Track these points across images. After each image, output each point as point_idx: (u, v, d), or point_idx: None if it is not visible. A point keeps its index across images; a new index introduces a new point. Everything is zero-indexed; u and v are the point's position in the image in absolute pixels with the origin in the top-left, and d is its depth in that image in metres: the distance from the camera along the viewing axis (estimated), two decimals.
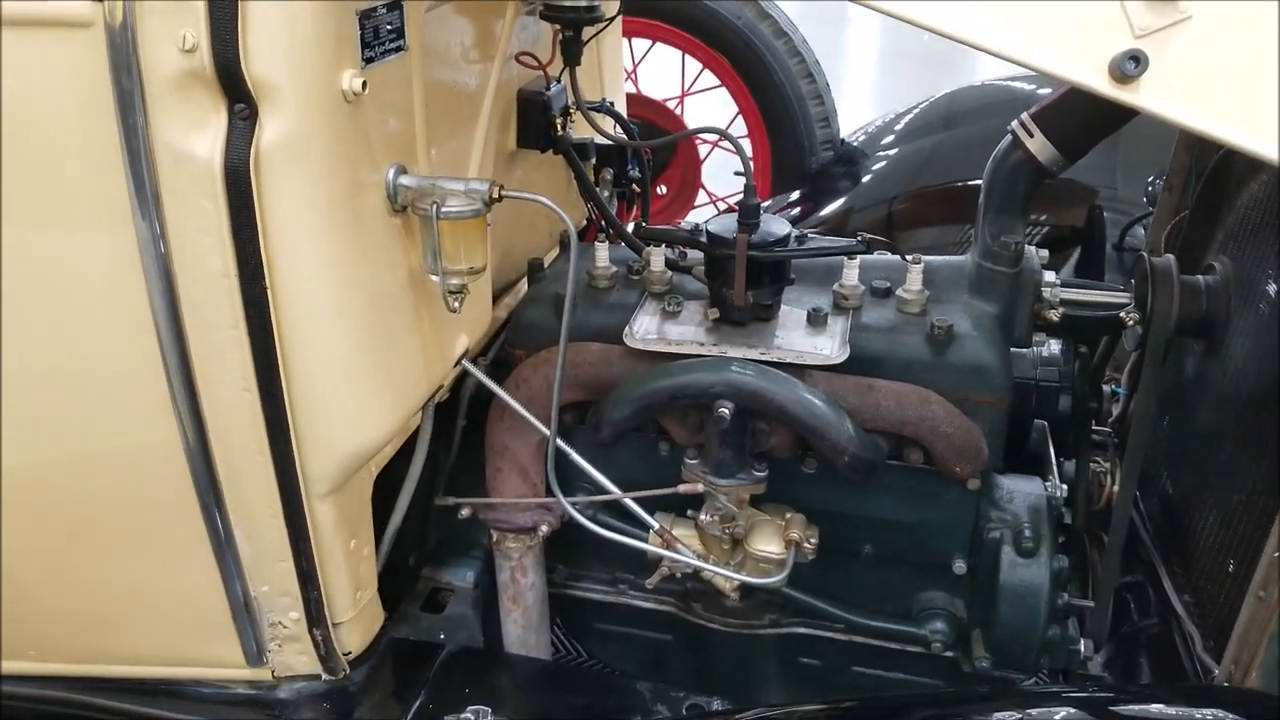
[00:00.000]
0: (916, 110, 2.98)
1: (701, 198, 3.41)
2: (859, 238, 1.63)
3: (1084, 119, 1.56)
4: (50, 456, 1.39)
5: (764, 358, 1.54)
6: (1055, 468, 1.84)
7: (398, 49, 1.31)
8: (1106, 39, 1.00)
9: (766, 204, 3.02)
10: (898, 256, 1.76)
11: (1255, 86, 0.99)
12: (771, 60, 3.03)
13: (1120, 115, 1.57)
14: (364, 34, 1.23)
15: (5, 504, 1.42)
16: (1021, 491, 1.71)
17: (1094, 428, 2.00)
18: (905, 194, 2.64)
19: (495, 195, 1.33)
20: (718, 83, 3.22)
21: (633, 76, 3.34)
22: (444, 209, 1.31)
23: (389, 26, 1.28)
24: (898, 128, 2.95)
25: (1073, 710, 1.23)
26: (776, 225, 1.60)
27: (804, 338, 1.59)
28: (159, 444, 1.33)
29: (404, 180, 1.33)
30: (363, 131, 1.26)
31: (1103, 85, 1.00)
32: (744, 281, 1.55)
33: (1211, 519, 1.72)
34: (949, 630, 1.70)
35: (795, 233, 1.60)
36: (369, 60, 1.25)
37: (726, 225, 1.59)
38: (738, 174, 3.42)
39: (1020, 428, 1.89)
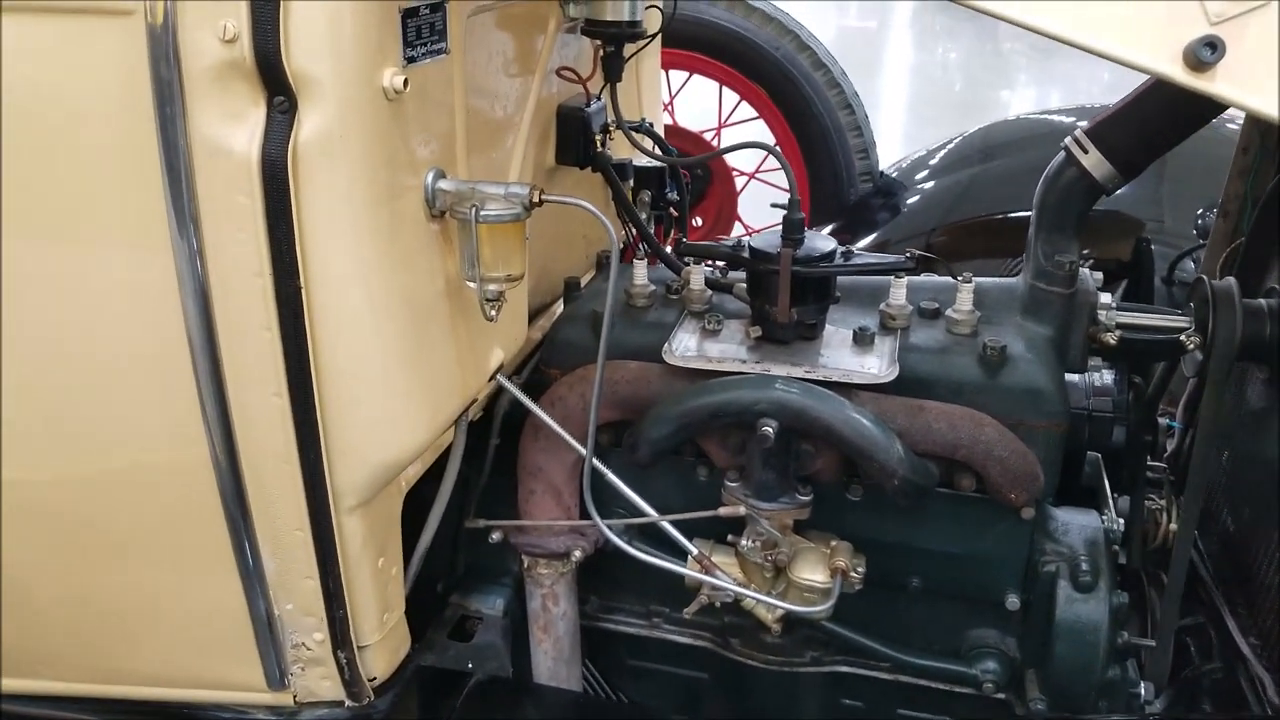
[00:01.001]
0: (954, 143, 2.95)
1: (737, 230, 3.39)
2: (907, 254, 1.58)
3: (1140, 134, 1.51)
4: (68, 466, 1.35)
5: (809, 376, 1.49)
6: (1111, 501, 1.77)
7: (440, 51, 1.28)
8: (1181, 26, 0.96)
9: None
10: (947, 277, 1.71)
11: None
12: (810, 91, 3.01)
13: (1177, 131, 1.53)
14: (406, 33, 1.20)
15: (18, 512, 1.38)
16: (1077, 524, 1.64)
17: (1149, 463, 1.93)
18: (943, 226, 2.60)
19: (536, 199, 1.29)
20: (755, 114, 3.20)
21: (669, 108, 3.33)
22: (483, 213, 1.28)
23: (432, 28, 1.26)
24: (933, 161, 2.92)
25: None
26: (821, 241, 1.56)
27: (850, 357, 1.54)
28: (184, 450, 1.28)
29: (443, 184, 1.30)
30: (402, 131, 1.23)
31: (1178, 73, 0.96)
32: (788, 297, 1.50)
33: (1277, 556, 1.64)
34: (1001, 670, 1.62)
35: (841, 249, 1.56)
36: (410, 60, 1.22)
37: (770, 240, 1.55)
38: (775, 206, 3.40)
39: (1074, 460, 1.82)
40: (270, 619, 1.40)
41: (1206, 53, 0.95)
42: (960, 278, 1.59)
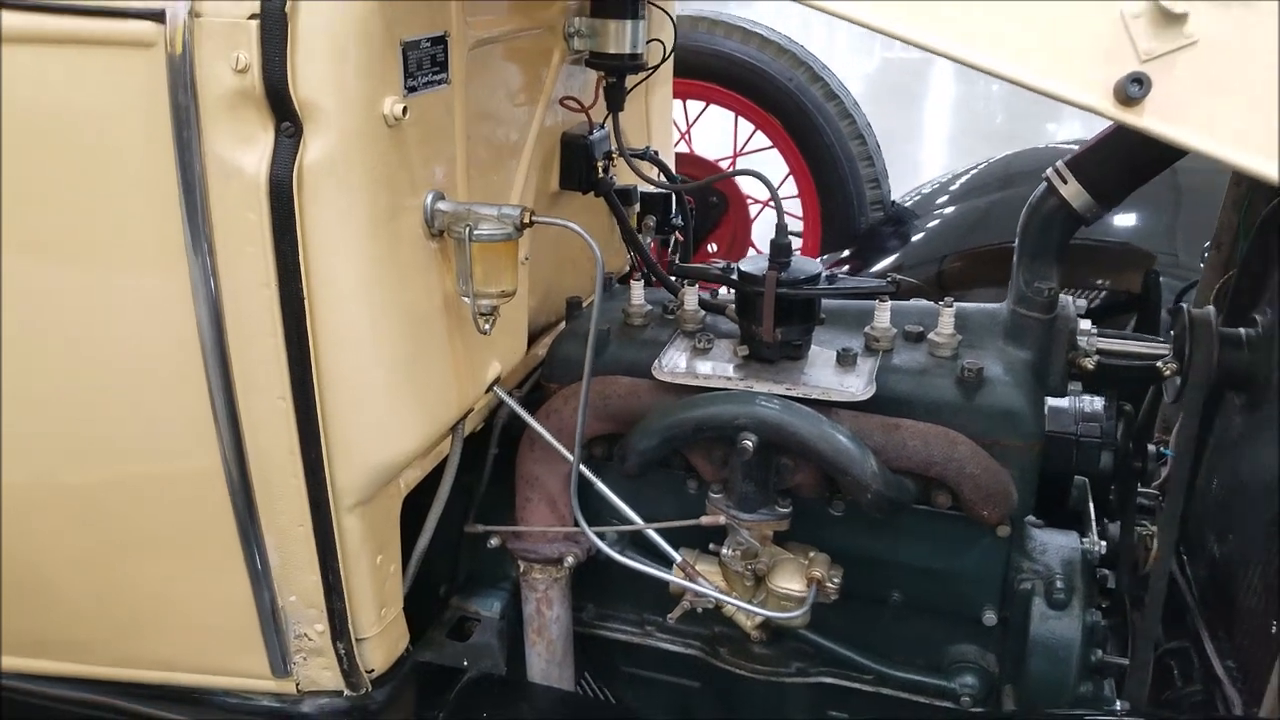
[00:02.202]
0: (975, 170, 3.00)
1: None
2: (889, 279, 1.64)
3: (1118, 166, 1.57)
4: (91, 466, 1.46)
5: (790, 393, 1.56)
6: (1094, 524, 1.81)
7: (441, 81, 1.38)
8: (1112, 63, 1.02)
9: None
10: (931, 302, 1.77)
11: (1258, 108, 1.01)
12: (822, 122, 3.09)
13: (1154, 163, 1.58)
14: (407, 64, 1.30)
15: (44, 509, 1.49)
16: (1056, 544, 1.69)
17: (1140, 489, 1.96)
18: (957, 253, 2.65)
19: (526, 220, 1.38)
20: (770, 144, 3.28)
21: (687, 137, 3.43)
22: (477, 232, 1.37)
23: (433, 59, 1.35)
24: (953, 187, 2.96)
25: None
26: (807, 265, 1.63)
27: (832, 376, 1.60)
28: (196, 450, 1.38)
29: (441, 205, 1.39)
30: (403, 155, 1.32)
31: (1108, 107, 1.02)
32: (772, 318, 1.57)
33: (1255, 581, 1.67)
34: (979, 685, 1.67)
35: (826, 272, 1.63)
36: (411, 89, 1.32)
37: (758, 263, 1.63)
38: (790, 234, 3.48)
39: (1061, 483, 1.86)
40: (274, 610, 1.49)
41: (1135, 89, 1.01)
42: (942, 302, 1.65)
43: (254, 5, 1.17)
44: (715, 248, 3.23)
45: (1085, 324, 1.67)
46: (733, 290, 1.67)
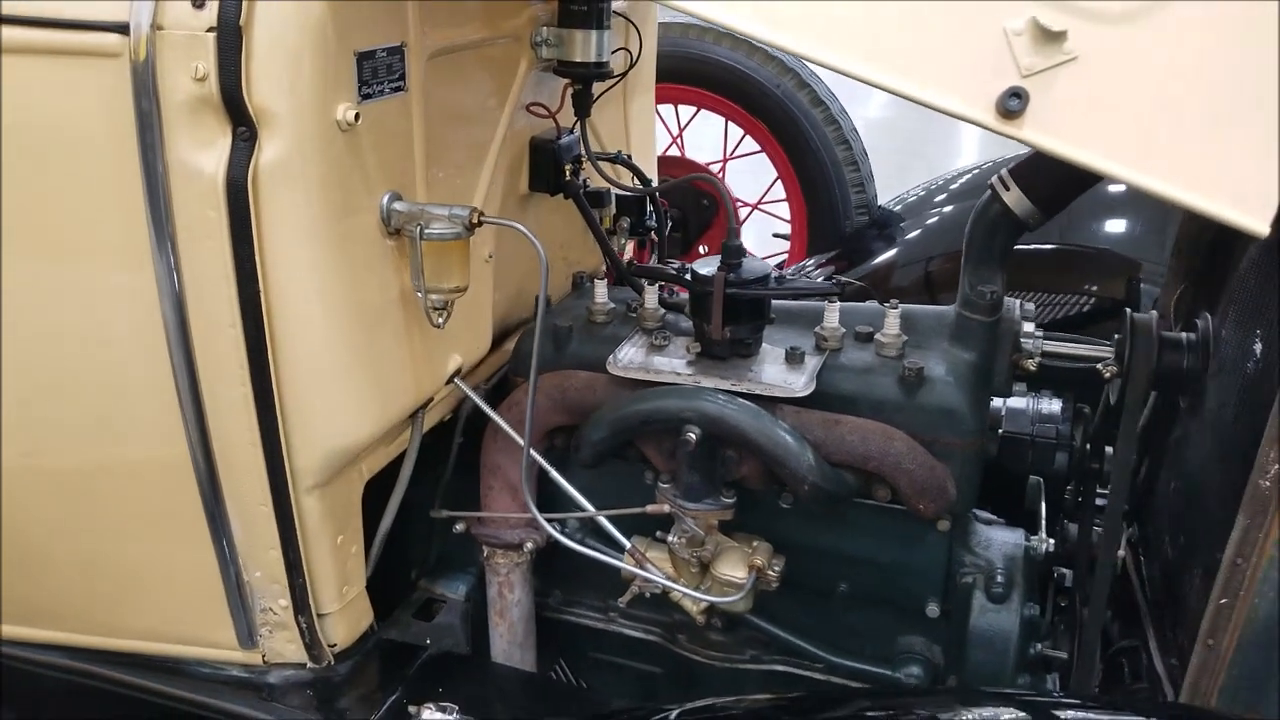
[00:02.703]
0: (966, 175, 3.02)
1: None
2: (834, 280, 1.70)
3: (1057, 175, 1.61)
4: (71, 449, 1.56)
5: (734, 388, 1.62)
6: (1045, 523, 1.85)
7: (398, 88, 1.47)
8: (995, 77, 1.07)
9: (800, 264, 3.10)
10: (879, 304, 1.82)
11: (1135, 122, 1.06)
12: (808, 127, 3.14)
13: (1093, 174, 1.62)
14: (362, 72, 1.39)
15: (33, 490, 1.59)
16: (999, 540, 1.74)
17: (1099, 491, 2.00)
18: (944, 254, 2.67)
19: (475, 220, 1.46)
20: (758, 148, 3.35)
21: (679, 141, 3.50)
22: (427, 231, 1.45)
23: (389, 68, 1.44)
24: (953, 187, 2.98)
25: (1018, 712, 1.23)
26: (757, 266, 1.69)
27: (778, 373, 1.66)
28: (166, 433, 1.48)
29: (397, 205, 1.48)
30: (356, 158, 1.41)
31: (990, 120, 1.07)
32: (720, 316, 1.63)
33: (1198, 580, 1.70)
34: (924, 675, 1.72)
35: (775, 274, 1.69)
36: (366, 96, 1.40)
37: (709, 265, 1.69)
38: (777, 236, 3.54)
39: (1016, 483, 1.91)
40: (240, 585, 1.58)
41: (1014, 103, 1.07)
42: (888, 304, 1.71)
43: (211, 19, 1.26)
44: (706, 249, 3.30)
45: (1029, 326, 1.71)
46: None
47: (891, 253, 2.88)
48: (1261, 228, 1.00)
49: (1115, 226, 2.81)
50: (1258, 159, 0.99)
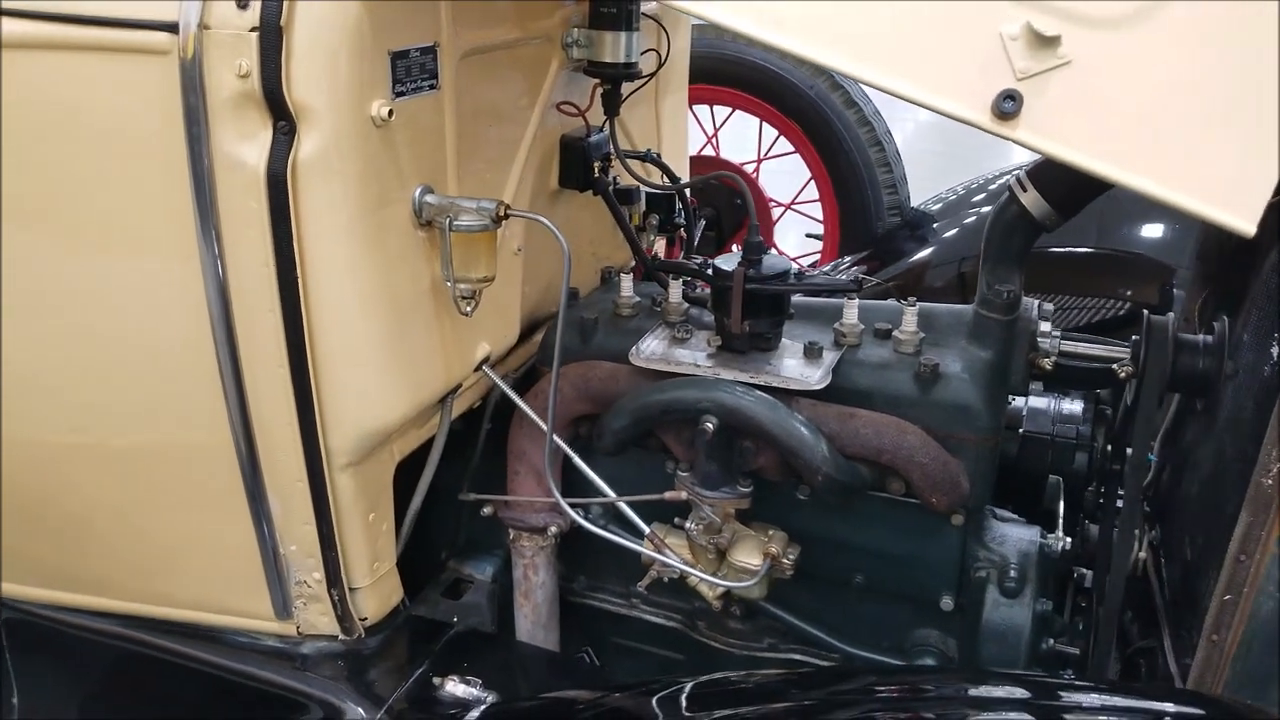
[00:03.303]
0: (1013, 173, 3.03)
1: None
2: (854, 279, 1.74)
3: (1072, 178, 1.63)
4: (121, 423, 1.65)
5: (752, 381, 1.67)
6: (1062, 521, 1.87)
7: (431, 86, 1.54)
8: (991, 80, 1.11)
9: (831, 265, 3.14)
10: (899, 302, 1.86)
11: (1126, 124, 1.09)
12: (841, 128, 3.18)
13: None
14: (396, 71, 1.46)
15: (84, 465, 1.69)
16: (1014, 536, 1.76)
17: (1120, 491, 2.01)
18: (974, 256, 2.68)
19: (501, 214, 1.53)
20: (792, 149, 3.39)
21: (714, 141, 3.55)
22: (456, 223, 1.52)
23: (422, 67, 1.51)
24: (991, 187, 2.99)
25: (1020, 689, 1.27)
26: (778, 263, 1.74)
27: (796, 367, 1.70)
28: (208, 412, 1.56)
29: (428, 198, 1.55)
30: (390, 152, 1.48)
31: (985, 121, 1.11)
32: (740, 310, 1.68)
33: (1213, 582, 1.72)
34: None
35: (794, 270, 1.73)
36: (400, 94, 1.47)
37: (730, 260, 1.74)
38: (810, 236, 3.57)
39: (1035, 482, 1.93)
40: (277, 558, 1.66)
41: (1008, 105, 1.11)
42: (906, 302, 1.74)
43: (254, 19, 1.34)
44: (738, 247, 3.33)
45: (1045, 326, 1.74)
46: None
47: (926, 252, 2.91)
48: (1248, 227, 1.03)
49: (1151, 231, 2.81)
50: (1244, 160, 1.02)
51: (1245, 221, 1.02)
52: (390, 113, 1.43)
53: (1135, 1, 1.06)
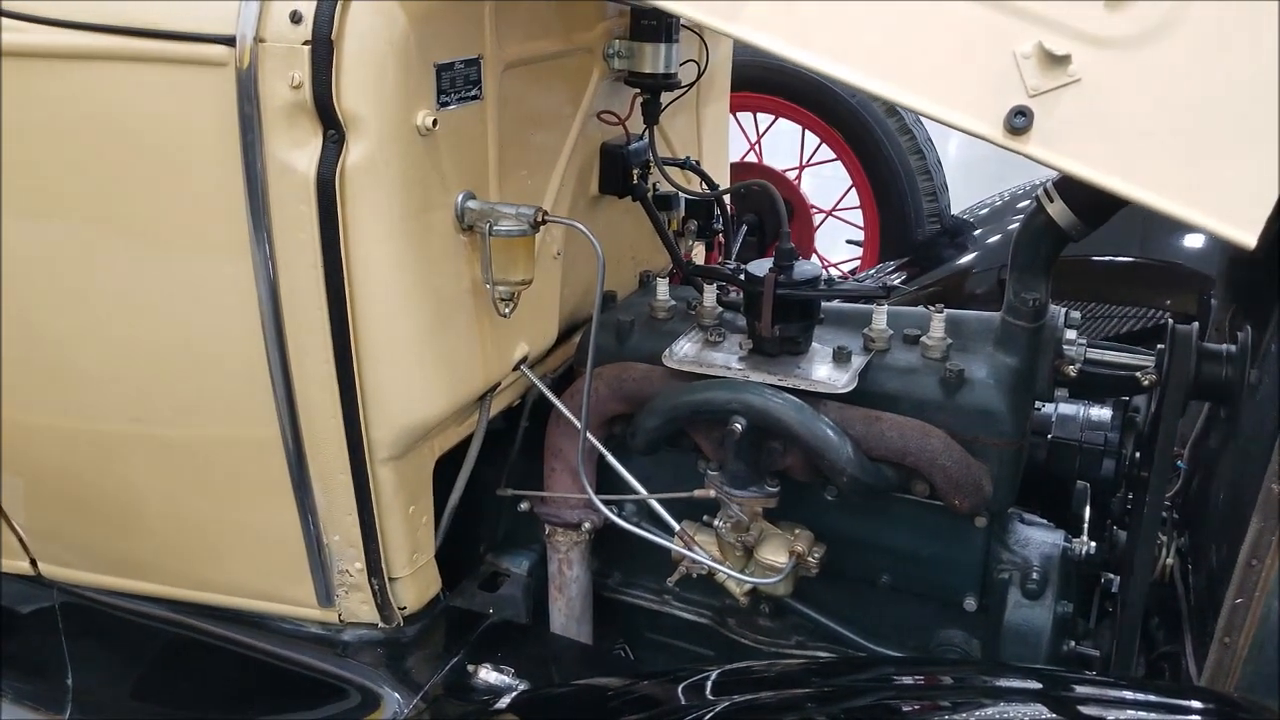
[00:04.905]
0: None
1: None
2: (883, 285, 1.78)
3: (1096, 190, 1.65)
4: (174, 414, 1.73)
5: (781, 383, 1.71)
6: (1088, 526, 1.89)
7: (474, 97, 1.60)
8: (1003, 96, 1.15)
9: (875, 269, 3.17)
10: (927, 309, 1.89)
11: (1134, 140, 1.13)
12: (881, 136, 3.21)
13: None
14: (440, 82, 1.53)
15: (138, 455, 1.77)
16: (1038, 539, 1.79)
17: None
18: None
19: (540, 219, 1.59)
20: (834, 156, 3.43)
21: (756, 149, 3.59)
22: (496, 228, 1.58)
23: (466, 78, 1.57)
24: (1022, 202, 3.01)
25: (1038, 683, 1.30)
26: (809, 269, 1.78)
27: (825, 370, 1.75)
28: (258, 407, 1.63)
29: (470, 204, 1.61)
30: (434, 159, 1.54)
31: (997, 136, 1.15)
32: (770, 315, 1.73)
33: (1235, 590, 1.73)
34: None
35: (825, 276, 1.78)
36: (444, 104, 1.54)
37: (763, 266, 1.79)
38: (850, 242, 3.59)
39: (1062, 487, 1.95)
40: (320, 548, 1.73)
41: (1019, 120, 1.15)
42: (933, 308, 1.78)
43: (307, 33, 1.41)
44: None
45: (1071, 334, 1.77)
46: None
47: (968, 258, 2.93)
48: (1249, 239, 1.06)
49: (1193, 241, 2.81)
50: (1246, 174, 1.05)
51: (1246, 234, 1.06)
52: (434, 122, 1.50)
53: (1140, 23, 1.09)
